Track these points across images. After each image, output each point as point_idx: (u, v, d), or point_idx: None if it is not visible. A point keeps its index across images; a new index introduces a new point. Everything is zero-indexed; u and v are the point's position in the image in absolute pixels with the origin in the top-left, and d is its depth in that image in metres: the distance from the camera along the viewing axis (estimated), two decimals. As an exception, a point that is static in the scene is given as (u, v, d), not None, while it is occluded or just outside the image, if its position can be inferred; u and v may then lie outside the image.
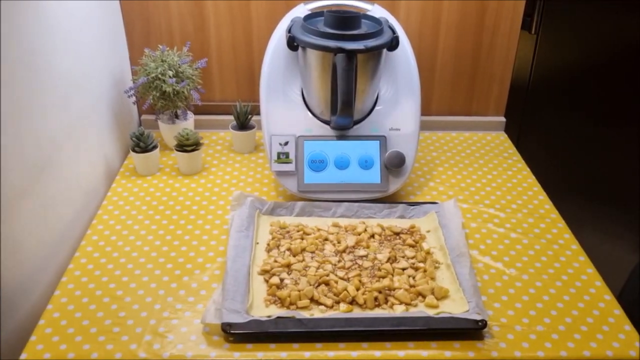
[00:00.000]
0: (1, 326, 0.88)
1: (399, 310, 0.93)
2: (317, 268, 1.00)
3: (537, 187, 1.29)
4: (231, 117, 1.39)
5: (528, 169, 1.36)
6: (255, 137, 1.40)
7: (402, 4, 1.39)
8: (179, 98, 1.31)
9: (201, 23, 1.40)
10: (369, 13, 1.24)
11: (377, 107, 1.25)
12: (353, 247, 1.05)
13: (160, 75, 1.27)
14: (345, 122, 1.18)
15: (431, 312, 0.92)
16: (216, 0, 1.37)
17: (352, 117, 1.16)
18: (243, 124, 1.38)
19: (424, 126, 1.42)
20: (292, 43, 1.16)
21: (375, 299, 0.95)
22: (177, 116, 1.38)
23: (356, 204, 1.17)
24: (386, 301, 0.95)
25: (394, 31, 1.18)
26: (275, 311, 0.92)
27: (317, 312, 0.92)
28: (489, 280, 1.02)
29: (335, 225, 1.12)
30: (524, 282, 1.01)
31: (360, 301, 0.94)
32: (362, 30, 1.16)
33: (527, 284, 1.01)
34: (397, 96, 1.25)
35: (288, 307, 0.93)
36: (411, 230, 1.11)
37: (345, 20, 1.15)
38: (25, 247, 0.95)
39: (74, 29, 1.12)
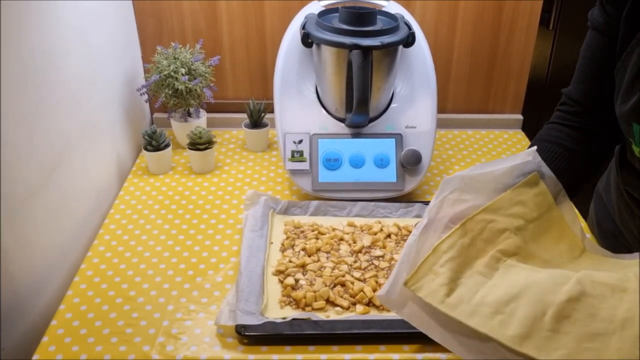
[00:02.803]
0: (14, 326, 0.87)
1: (416, 312, 0.91)
2: (333, 268, 0.98)
3: (557, 186, 1.27)
4: (244, 115, 1.37)
5: (546, 168, 1.34)
6: (269, 135, 1.39)
7: (417, 0, 1.36)
8: (191, 96, 1.30)
9: (214, 20, 1.38)
10: (384, 9, 1.23)
11: (392, 105, 1.23)
12: (369, 247, 1.03)
13: (172, 73, 1.26)
14: (361, 120, 1.16)
15: (450, 314, 0.90)
16: (229, -4, 1.35)
17: (368, 114, 1.14)
18: (256, 122, 1.36)
19: (439, 124, 1.40)
20: (307, 40, 1.14)
21: (393, 300, 0.93)
22: (189, 114, 1.36)
23: (372, 203, 1.15)
24: (403, 303, 0.93)
25: (409, 27, 1.16)
26: (290, 312, 0.90)
27: (333, 314, 0.91)
28: (509, 281, 1.00)
29: (351, 224, 1.10)
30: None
31: (377, 303, 0.92)
32: (378, 26, 1.14)
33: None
34: (413, 93, 1.23)
35: (303, 309, 0.91)
36: (428, 230, 1.09)
37: (360, 16, 1.13)
38: (38, 247, 0.94)
39: (86, 28, 1.11)
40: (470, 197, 0.83)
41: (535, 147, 0.86)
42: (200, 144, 1.26)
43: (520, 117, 1.52)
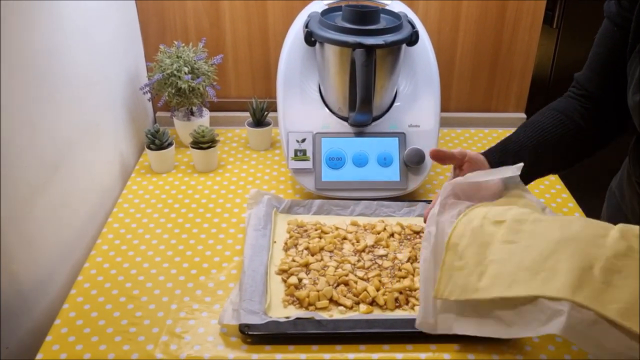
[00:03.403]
0: (18, 325, 0.87)
1: (420, 312, 0.91)
2: (336, 268, 0.98)
3: (560, 185, 1.26)
4: (247, 114, 1.37)
5: (550, 167, 1.33)
6: (272, 134, 1.38)
7: (420, -2, 1.36)
8: (194, 95, 1.30)
9: (216, 19, 1.38)
10: (387, 8, 1.22)
11: (395, 104, 1.22)
12: (372, 246, 1.03)
13: (175, 72, 1.26)
14: (364, 119, 1.16)
15: (453, 314, 0.90)
16: (232, -5, 1.35)
17: (371, 113, 1.14)
18: (259, 121, 1.36)
19: (442, 123, 1.40)
20: (310, 38, 1.14)
21: (396, 299, 0.93)
22: (192, 113, 1.36)
23: (375, 202, 1.15)
24: (407, 302, 0.93)
25: (413, 26, 1.16)
26: (294, 312, 0.90)
27: (336, 313, 0.91)
28: (512, 280, 0.99)
29: (354, 223, 1.10)
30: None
31: (381, 302, 0.92)
32: (381, 25, 1.14)
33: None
34: (416, 92, 1.23)
35: (307, 308, 0.91)
36: (431, 229, 1.09)
37: (364, 15, 1.12)
38: (41, 246, 0.94)
39: (89, 27, 1.11)
40: (464, 202, 0.85)
41: (522, 164, 0.86)
42: (203, 142, 1.26)
43: (523, 115, 1.51)
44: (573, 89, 0.99)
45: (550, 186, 1.26)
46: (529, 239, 0.75)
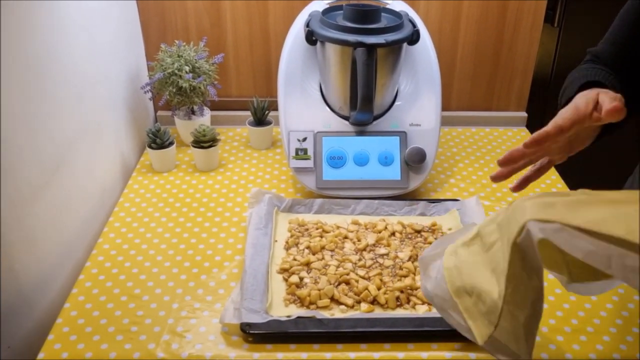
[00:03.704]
0: (20, 325, 0.87)
1: (421, 311, 0.91)
2: (337, 267, 0.98)
3: (561, 184, 1.26)
4: (248, 113, 1.37)
5: (551, 166, 1.33)
6: (273, 133, 1.39)
7: (421, -3, 1.36)
8: (195, 94, 1.30)
9: (217, 18, 1.38)
10: (388, 7, 1.22)
11: (396, 103, 1.23)
12: (373, 245, 1.03)
13: (176, 71, 1.26)
14: (365, 118, 1.16)
15: (455, 313, 0.90)
16: (233, -6, 1.35)
17: (372, 112, 1.14)
18: (260, 120, 1.36)
19: (443, 121, 1.40)
20: (311, 37, 1.14)
21: (397, 298, 0.93)
22: (193, 112, 1.36)
23: (376, 201, 1.15)
24: (408, 301, 0.93)
25: (414, 25, 1.16)
26: (295, 311, 0.90)
27: (337, 312, 0.91)
28: (513, 279, 0.99)
29: (355, 222, 1.10)
30: (549, 282, 0.99)
31: (382, 301, 0.92)
32: (382, 24, 1.14)
33: (552, 284, 0.98)
34: (417, 91, 1.23)
35: (308, 307, 0.91)
36: (432, 228, 1.09)
37: (365, 13, 1.12)
38: (42, 245, 0.94)
39: (90, 26, 1.11)
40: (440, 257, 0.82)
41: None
42: (204, 141, 1.26)
43: (524, 114, 1.51)
44: (589, 62, 0.95)
45: (552, 184, 1.27)
46: (504, 228, 0.71)
